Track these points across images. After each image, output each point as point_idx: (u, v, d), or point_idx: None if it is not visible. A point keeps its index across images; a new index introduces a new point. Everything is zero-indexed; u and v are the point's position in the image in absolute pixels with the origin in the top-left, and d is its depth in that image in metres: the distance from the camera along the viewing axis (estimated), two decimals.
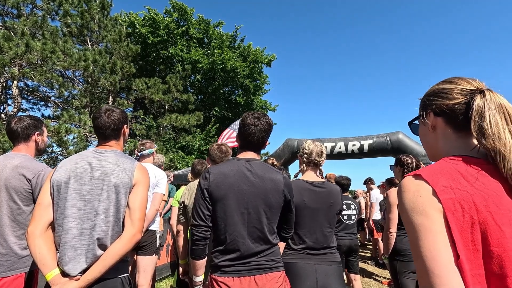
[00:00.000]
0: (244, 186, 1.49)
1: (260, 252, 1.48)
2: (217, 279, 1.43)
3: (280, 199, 1.54)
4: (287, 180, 1.59)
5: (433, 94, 0.83)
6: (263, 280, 1.43)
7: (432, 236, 0.63)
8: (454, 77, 0.82)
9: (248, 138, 1.60)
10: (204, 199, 1.49)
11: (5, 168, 1.75)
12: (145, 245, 2.76)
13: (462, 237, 0.63)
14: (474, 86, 0.76)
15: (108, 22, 12.24)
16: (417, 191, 0.68)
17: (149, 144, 3.02)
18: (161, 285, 4.63)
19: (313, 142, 2.17)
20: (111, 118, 1.54)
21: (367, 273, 5.63)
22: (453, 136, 0.79)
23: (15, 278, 1.68)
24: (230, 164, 1.57)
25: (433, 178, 0.69)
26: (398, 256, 2.56)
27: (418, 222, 0.66)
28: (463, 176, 0.68)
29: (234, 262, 1.44)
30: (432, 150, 0.86)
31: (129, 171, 1.47)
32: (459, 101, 0.76)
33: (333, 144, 7.85)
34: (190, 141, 14.18)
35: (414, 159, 2.64)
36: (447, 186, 0.66)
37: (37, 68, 8.91)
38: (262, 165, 1.59)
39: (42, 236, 1.34)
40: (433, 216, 0.64)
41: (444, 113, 0.79)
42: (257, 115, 1.62)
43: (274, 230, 1.56)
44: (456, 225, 0.63)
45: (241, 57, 16.56)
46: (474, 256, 0.62)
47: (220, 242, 1.48)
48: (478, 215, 0.63)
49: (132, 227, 1.40)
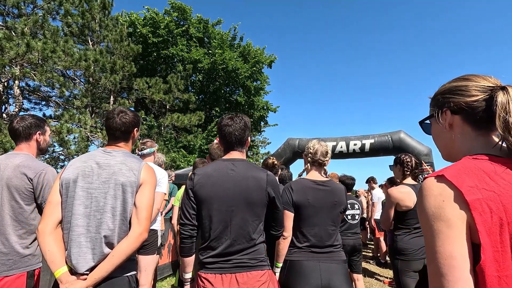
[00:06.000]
0: (227, 185, 1.54)
1: (241, 250, 1.50)
2: (201, 275, 1.49)
3: (263, 197, 1.56)
4: (270, 178, 1.61)
5: (449, 91, 0.81)
6: (244, 278, 1.46)
7: (450, 243, 0.62)
8: (467, 74, 0.81)
9: (227, 139, 1.67)
10: (189, 199, 1.56)
11: (6, 167, 1.75)
12: (146, 245, 2.76)
13: (490, 238, 0.61)
14: (491, 82, 0.75)
15: (109, 22, 12.23)
16: (440, 195, 0.66)
17: (150, 143, 3.01)
18: (163, 284, 4.63)
19: (318, 142, 2.18)
20: (122, 121, 1.58)
21: (368, 272, 5.62)
22: (472, 134, 0.77)
23: (17, 277, 1.68)
24: (214, 165, 1.64)
25: (458, 178, 0.66)
26: (399, 256, 2.54)
27: (438, 228, 0.64)
28: (488, 175, 0.66)
29: (216, 259, 1.49)
30: (449, 149, 0.84)
31: (136, 170, 1.49)
32: (478, 98, 0.75)
33: (334, 143, 7.83)
34: (192, 141, 14.20)
35: (413, 158, 2.63)
36: (473, 187, 0.64)
37: (38, 68, 8.92)
38: (246, 164, 1.64)
39: (52, 234, 1.36)
40: (455, 223, 0.63)
41: (463, 110, 0.77)
42: (230, 115, 1.71)
43: (259, 228, 1.57)
44: (484, 226, 0.62)
45: (241, 56, 16.55)
46: (503, 258, 0.61)
47: (205, 240, 1.53)
48: (506, 216, 0.62)
49: (138, 226, 1.42)
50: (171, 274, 5.02)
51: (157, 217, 2.85)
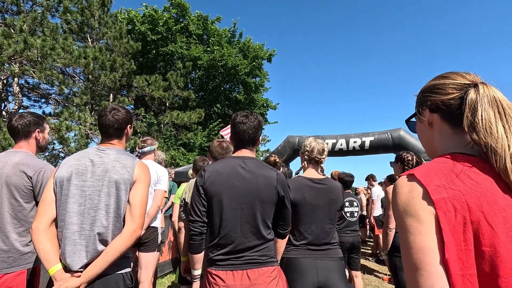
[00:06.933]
0: (237, 182, 1.54)
1: (253, 247, 1.51)
2: (212, 272, 1.48)
3: (273, 195, 1.57)
4: (280, 177, 1.62)
5: (428, 90, 0.81)
6: (255, 274, 1.46)
7: (420, 238, 0.63)
8: (448, 72, 0.80)
9: (240, 136, 1.66)
10: (200, 195, 1.55)
11: (6, 165, 1.75)
12: (147, 242, 2.77)
13: (454, 237, 0.62)
14: (468, 80, 0.74)
15: (108, 19, 12.17)
16: (410, 192, 0.68)
17: (150, 141, 3.01)
18: (163, 281, 4.65)
19: (314, 139, 2.18)
20: (115, 118, 1.58)
21: (367, 269, 5.65)
22: (450, 132, 0.78)
23: (18, 275, 1.69)
24: (224, 162, 1.63)
25: (427, 177, 0.67)
26: (398, 253, 2.56)
27: (408, 224, 0.66)
28: (456, 175, 0.67)
29: (227, 256, 1.49)
30: (430, 147, 0.85)
31: (129, 167, 1.49)
32: (454, 96, 0.75)
33: (334, 141, 7.84)
34: (191, 138, 14.20)
35: (414, 156, 2.64)
36: (439, 186, 0.65)
37: (37, 65, 8.90)
38: (256, 162, 1.64)
39: (45, 232, 1.37)
40: (424, 218, 0.64)
41: (440, 109, 0.78)
42: (245, 113, 1.69)
43: (268, 225, 1.58)
44: (447, 225, 0.62)
45: (241, 52, 16.50)
46: (467, 256, 0.62)
47: (215, 237, 1.53)
48: (470, 215, 0.62)
49: (132, 223, 1.42)
50: (171, 271, 5.04)
51: (157, 214, 2.86)
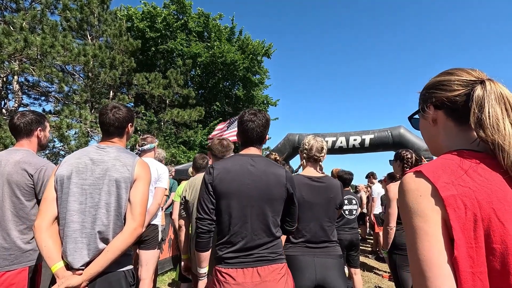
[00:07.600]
0: (247, 180, 1.52)
1: (262, 245, 1.51)
2: (221, 270, 1.47)
3: (282, 192, 1.57)
4: (289, 174, 1.62)
5: (433, 86, 0.80)
6: (265, 271, 1.46)
7: (428, 239, 0.62)
8: (453, 68, 0.79)
9: (248, 134, 1.64)
10: (208, 193, 1.53)
11: (7, 163, 1.75)
12: (147, 239, 2.78)
13: (464, 234, 0.61)
14: (474, 76, 0.73)
15: (108, 17, 12.12)
16: (417, 190, 0.66)
17: (150, 139, 3.02)
18: (163, 279, 4.67)
19: (313, 137, 2.17)
20: (116, 116, 1.57)
21: (367, 267, 5.67)
22: (455, 130, 0.77)
23: (19, 272, 1.70)
24: (233, 159, 1.61)
25: (435, 174, 0.66)
26: (398, 250, 2.57)
27: (415, 223, 0.64)
28: (465, 171, 0.66)
29: (237, 254, 1.48)
30: (434, 144, 0.84)
31: (130, 166, 1.49)
32: (459, 93, 0.74)
33: (334, 138, 7.83)
34: (192, 136, 14.19)
35: (413, 154, 2.64)
36: (448, 183, 0.64)
37: (37, 63, 8.88)
38: (265, 160, 1.63)
39: (48, 230, 1.38)
40: (431, 218, 0.63)
41: (445, 105, 0.77)
42: (253, 111, 1.68)
43: (277, 223, 1.59)
44: (458, 222, 0.61)
45: (240, 49, 16.45)
46: (477, 254, 0.61)
47: (224, 235, 1.52)
48: (481, 212, 0.61)
49: (133, 221, 1.43)
50: (172, 269, 5.06)
51: (158, 212, 2.87)
